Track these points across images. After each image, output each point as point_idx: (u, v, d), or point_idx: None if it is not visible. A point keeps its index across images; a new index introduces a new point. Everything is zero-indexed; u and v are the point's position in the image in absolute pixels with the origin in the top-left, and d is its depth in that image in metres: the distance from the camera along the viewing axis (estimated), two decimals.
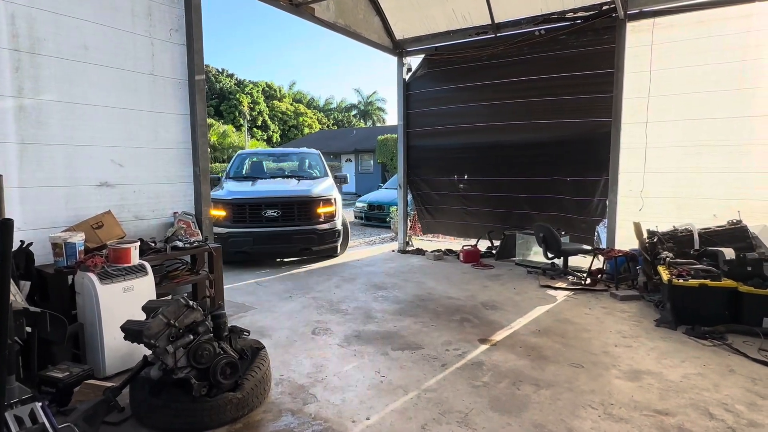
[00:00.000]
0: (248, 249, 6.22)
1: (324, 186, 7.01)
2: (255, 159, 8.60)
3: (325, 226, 6.58)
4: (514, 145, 6.76)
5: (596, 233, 6.12)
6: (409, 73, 7.75)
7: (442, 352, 3.45)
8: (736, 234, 4.64)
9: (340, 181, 7.95)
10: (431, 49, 7.42)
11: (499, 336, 3.78)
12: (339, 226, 6.87)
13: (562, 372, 3.11)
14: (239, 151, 8.29)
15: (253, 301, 4.79)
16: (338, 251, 7.14)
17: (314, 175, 7.85)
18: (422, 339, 3.72)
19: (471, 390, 2.86)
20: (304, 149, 9.14)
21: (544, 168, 6.54)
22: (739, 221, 4.78)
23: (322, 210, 6.56)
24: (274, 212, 6.28)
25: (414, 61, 7.74)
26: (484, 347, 3.55)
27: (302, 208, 6.42)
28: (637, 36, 5.65)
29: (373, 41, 7.11)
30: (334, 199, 6.88)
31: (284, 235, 6.29)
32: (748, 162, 5.23)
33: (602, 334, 3.83)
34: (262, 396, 2.66)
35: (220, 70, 40.15)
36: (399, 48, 7.60)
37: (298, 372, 3.12)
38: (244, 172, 7.87)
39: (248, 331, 2.72)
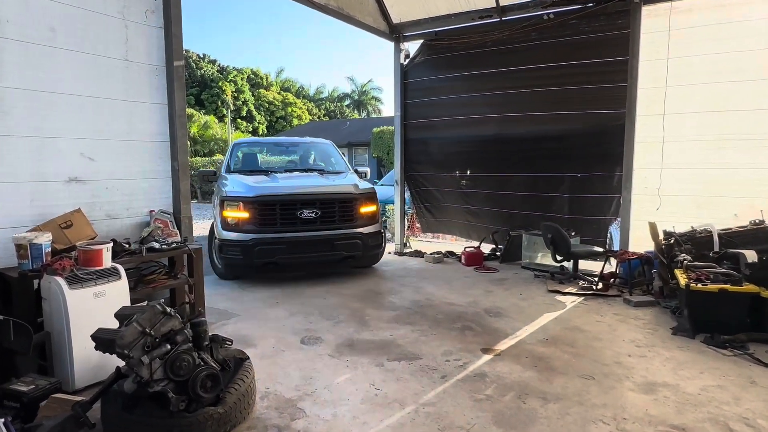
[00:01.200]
0: (280, 259, 5.33)
1: (359, 181, 6.28)
2: (259, 150, 7.75)
3: (370, 228, 5.80)
4: (520, 139, 6.78)
5: (609, 234, 6.15)
6: (407, 60, 7.76)
7: (442, 363, 3.45)
8: (759, 235, 4.67)
9: (361, 176, 6.90)
10: (431, 33, 7.43)
11: (503, 345, 3.79)
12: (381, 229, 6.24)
13: (572, 384, 3.12)
14: (236, 141, 7.30)
15: (237, 307, 4.78)
16: (378, 260, 6.43)
17: (335, 169, 6.97)
18: (420, 348, 3.72)
19: (473, 404, 2.87)
20: (315, 139, 8.13)
21: (553, 163, 6.56)
22: (762, 221, 4.81)
23: (365, 209, 5.81)
24: (312, 212, 5.40)
25: (412, 47, 7.76)
26: (487, 357, 3.56)
27: (345, 207, 5.64)
28: (654, 21, 5.68)
29: (368, 25, 7.11)
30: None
31: (324, 241, 5.47)
32: None
33: (615, 343, 3.85)
34: (246, 411, 2.66)
35: (202, 56, 40.02)
36: (396, 33, 7.61)
37: (286, 384, 3.12)
38: (249, 165, 6.86)
39: (231, 340, 2.71)
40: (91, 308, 3.00)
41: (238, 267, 5.51)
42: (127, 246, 3.77)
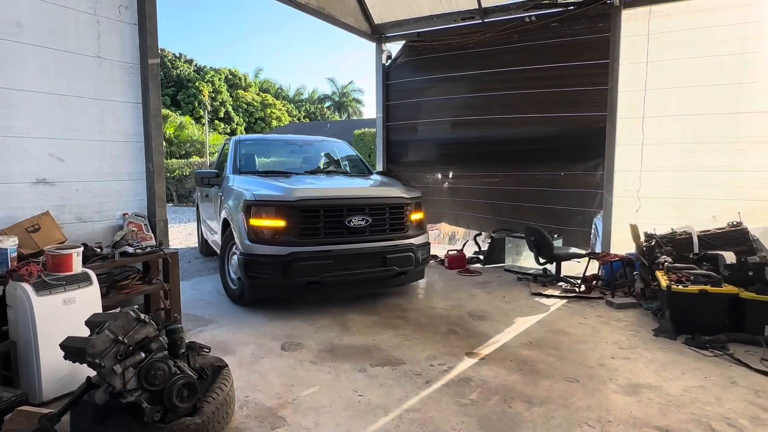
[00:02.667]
0: (324, 278, 4.42)
1: (399, 184, 5.49)
2: (266, 148, 6.84)
3: (421, 239, 5.07)
4: (503, 141, 6.84)
5: (593, 226, 6.22)
6: (389, 61, 7.77)
7: (426, 368, 3.44)
8: (737, 236, 4.80)
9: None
10: (413, 35, 7.46)
11: (487, 349, 3.80)
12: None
13: (557, 387, 3.14)
14: (237, 138, 6.31)
15: (214, 313, 4.68)
16: (423, 275, 5.65)
17: (358, 171, 6.29)
18: (404, 353, 3.70)
19: (458, 409, 2.86)
20: (327, 138, 7.43)
21: (536, 165, 6.64)
22: (740, 223, 4.95)
23: (416, 216, 5.08)
24: (361, 220, 4.55)
25: (394, 48, 7.80)
26: (471, 361, 3.56)
27: (396, 214, 4.84)
28: (633, 25, 5.81)
29: (349, 25, 7.10)
30: None
31: (375, 255, 4.63)
32: (748, 160, 5.43)
33: (598, 345, 3.89)
34: (225, 420, 2.59)
35: (178, 55, 39.49)
36: (378, 33, 7.62)
37: (266, 393, 3.06)
38: (261, 166, 6.14)
39: (209, 348, 2.65)
40: (60, 316, 2.89)
41: (271, 288, 4.57)
42: (98, 250, 3.66)
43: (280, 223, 4.38)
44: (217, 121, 36.49)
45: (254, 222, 4.42)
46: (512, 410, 2.85)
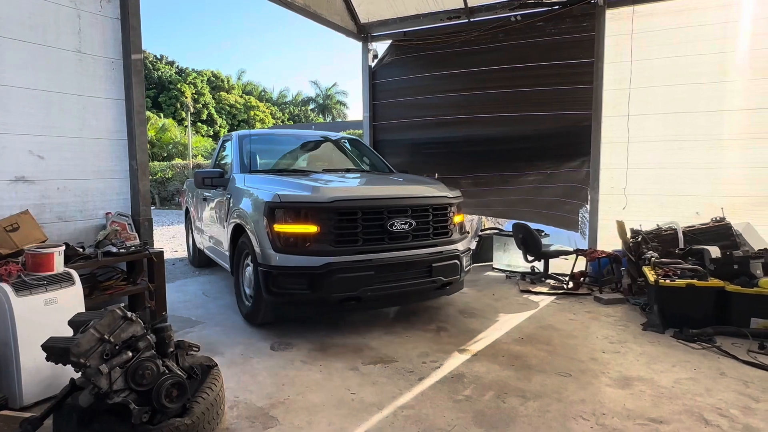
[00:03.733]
0: (365, 292, 3.74)
1: (438, 183, 4.78)
2: (273, 144, 6.06)
3: (464, 244, 4.48)
4: (490, 140, 6.86)
5: (580, 216, 6.26)
6: (376, 61, 7.74)
7: (419, 365, 3.40)
8: (721, 232, 4.88)
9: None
10: (399, 34, 7.45)
11: (479, 345, 3.78)
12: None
13: (550, 382, 3.13)
14: (240, 133, 5.50)
15: (201, 314, 4.59)
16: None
17: (379, 169, 5.72)
18: (395, 350, 3.66)
19: (452, 405, 2.83)
20: (341, 133, 6.60)
21: (523, 164, 6.67)
22: (723, 218, 5.03)
23: (459, 219, 4.52)
24: (405, 223, 3.93)
25: (380, 47, 7.76)
26: (464, 358, 3.54)
27: (441, 216, 4.22)
28: (617, 24, 5.88)
29: (335, 24, 7.06)
30: None
31: (419, 264, 3.99)
32: (729, 157, 5.53)
33: (589, 340, 3.90)
34: (215, 421, 2.52)
35: (159, 57, 38.96)
36: (364, 32, 7.59)
37: (257, 393, 2.99)
38: (274, 164, 5.47)
39: (198, 347, 2.57)
40: (41, 316, 2.79)
41: (302, 305, 3.95)
42: (81, 250, 3.56)
43: (312, 229, 3.71)
44: (199, 124, 36.07)
45: (280, 228, 3.75)
46: (507, 405, 2.83)
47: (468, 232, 4.79)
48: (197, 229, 6.36)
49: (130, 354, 2.22)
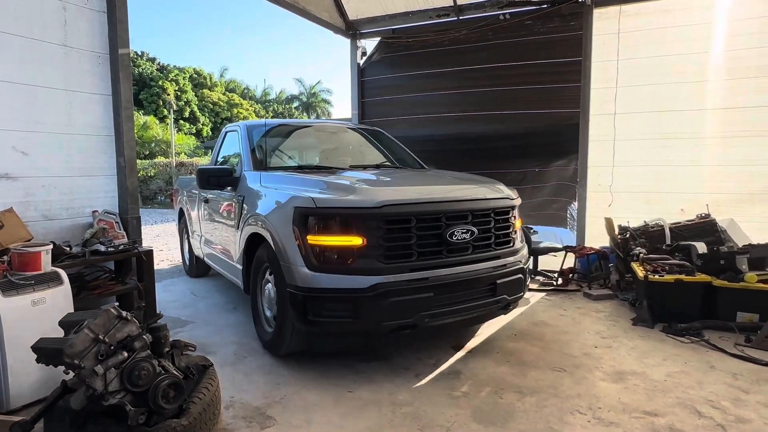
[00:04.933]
0: (421, 320, 3.03)
1: (495, 181, 4.05)
2: (292, 137, 5.17)
3: (525, 254, 3.79)
4: (478, 138, 6.88)
5: (568, 213, 6.32)
6: (364, 58, 7.71)
7: (414, 362, 3.40)
8: (706, 228, 4.97)
9: None
10: (388, 31, 7.43)
11: (474, 342, 3.79)
12: None
13: (545, 377, 3.16)
14: (246, 124, 4.75)
15: (191, 314, 4.51)
16: None
17: (408, 163, 5.08)
18: (391, 348, 3.65)
19: (450, 401, 2.83)
20: (362, 125, 5.92)
21: (511, 161, 6.70)
22: (708, 215, 5.13)
23: (518, 225, 3.83)
24: (465, 232, 3.21)
25: (369, 45, 7.72)
26: (459, 354, 3.54)
27: (503, 221, 3.53)
28: (604, 23, 5.95)
29: (323, 20, 7.01)
30: None
31: (482, 281, 3.30)
32: (713, 155, 5.64)
33: (581, 335, 3.94)
34: (212, 421, 2.47)
35: (140, 53, 38.22)
36: (352, 29, 7.54)
37: (252, 392, 2.95)
38: (293, 160, 4.73)
39: (194, 346, 2.52)
40: (29, 317, 2.71)
41: (343, 337, 3.29)
42: (68, 249, 3.46)
43: (357, 241, 2.98)
44: (182, 122, 35.54)
45: (315, 240, 3.02)
46: (504, 401, 2.84)
47: (524, 239, 4.01)
48: (195, 235, 5.57)
49: (126, 354, 2.17)
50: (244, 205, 3.85)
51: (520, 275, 3.54)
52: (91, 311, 2.46)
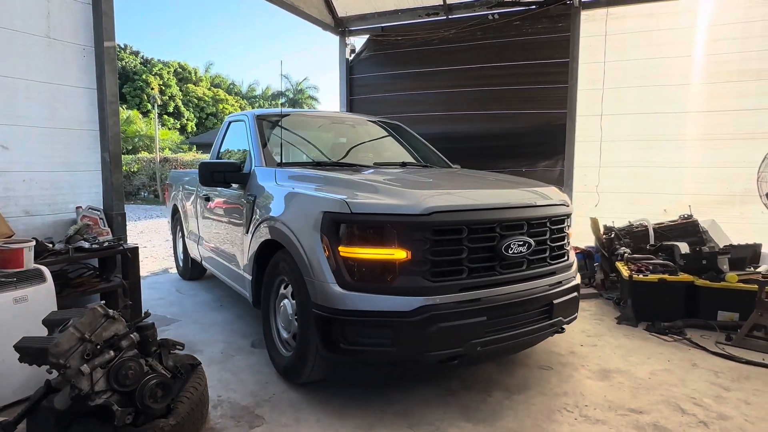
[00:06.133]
0: (472, 348, 2.59)
1: (543, 183, 3.72)
2: (305, 128, 4.58)
3: (576, 268, 3.37)
4: (467, 137, 6.90)
5: None
6: (353, 55, 7.68)
7: None
8: (688, 228, 5.07)
9: None
10: (377, 29, 7.40)
11: None
12: None
13: (532, 375, 3.19)
14: (254, 113, 4.22)
15: (177, 312, 4.46)
16: None
17: (432, 161, 4.67)
18: None
19: (439, 400, 2.84)
20: (382, 118, 5.27)
21: (499, 161, 6.73)
22: (690, 216, 5.22)
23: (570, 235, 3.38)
24: (522, 244, 2.78)
25: (358, 42, 7.69)
26: None
27: (558, 231, 3.09)
28: (592, 25, 6.01)
29: (313, 17, 6.96)
30: None
31: (539, 301, 2.88)
32: (695, 157, 5.76)
33: (566, 334, 3.95)
34: (200, 421, 2.45)
35: (123, 46, 37.55)
36: (341, 26, 7.51)
37: (240, 391, 2.93)
38: (309, 155, 4.15)
39: (182, 345, 2.49)
40: (11, 316, 2.64)
41: (386, 366, 3.07)
42: (50, 246, 3.39)
43: (400, 254, 2.52)
44: (166, 116, 35.02)
45: (350, 252, 2.55)
46: (492, 399, 2.86)
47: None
48: (192, 235, 5.10)
49: (113, 353, 2.13)
50: (257, 206, 3.36)
51: (576, 293, 3.15)
52: (76, 310, 2.42)
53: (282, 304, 3.10)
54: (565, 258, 3.16)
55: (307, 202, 2.85)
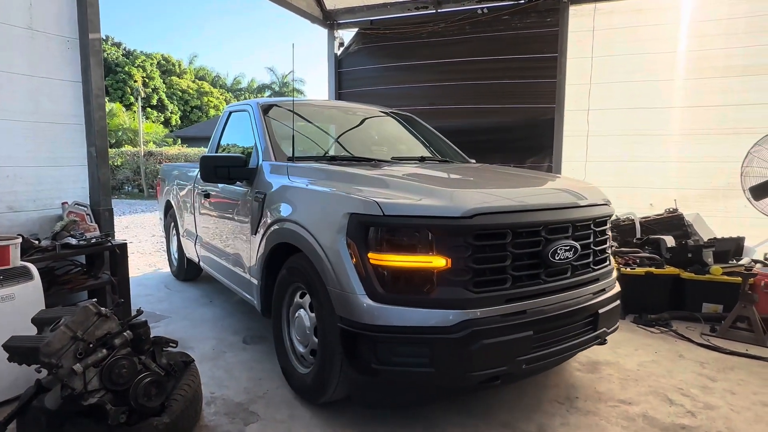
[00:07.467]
0: (518, 367, 2.30)
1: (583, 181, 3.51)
2: (315, 119, 4.23)
3: (616, 273, 3.14)
4: (455, 131, 6.86)
5: None
6: (342, 49, 7.62)
7: None
8: (674, 222, 5.15)
9: None
10: (366, 22, 7.35)
11: None
12: None
13: None
14: (258, 101, 3.87)
15: (166, 308, 4.41)
16: None
17: (447, 156, 4.29)
18: None
19: None
20: (394, 110, 4.93)
21: (488, 156, 6.73)
22: (676, 209, 5.31)
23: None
24: (568, 250, 2.50)
25: (347, 36, 7.63)
26: None
27: (601, 235, 2.87)
28: (580, 20, 6.04)
29: (301, 9, 6.89)
30: None
31: (584, 311, 2.61)
32: (680, 152, 5.84)
33: None
34: (194, 419, 2.44)
35: (105, 38, 36.76)
36: (330, 19, 7.44)
37: (233, 388, 2.92)
38: (322, 148, 3.90)
39: (176, 342, 2.47)
40: None
41: (416, 389, 2.46)
42: (36, 242, 3.32)
43: (439, 262, 2.21)
44: (149, 109, 34.47)
45: (381, 259, 2.24)
46: (484, 393, 2.88)
47: None
48: (188, 233, 4.78)
49: (105, 352, 2.10)
50: (266, 204, 3.06)
51: (618, 302, 2.93)
52: (66, 308, 2.38)
53: (297, 314, 2.82)
54: (608, 263, 2.93)
55: (329, 202, 2.55)
